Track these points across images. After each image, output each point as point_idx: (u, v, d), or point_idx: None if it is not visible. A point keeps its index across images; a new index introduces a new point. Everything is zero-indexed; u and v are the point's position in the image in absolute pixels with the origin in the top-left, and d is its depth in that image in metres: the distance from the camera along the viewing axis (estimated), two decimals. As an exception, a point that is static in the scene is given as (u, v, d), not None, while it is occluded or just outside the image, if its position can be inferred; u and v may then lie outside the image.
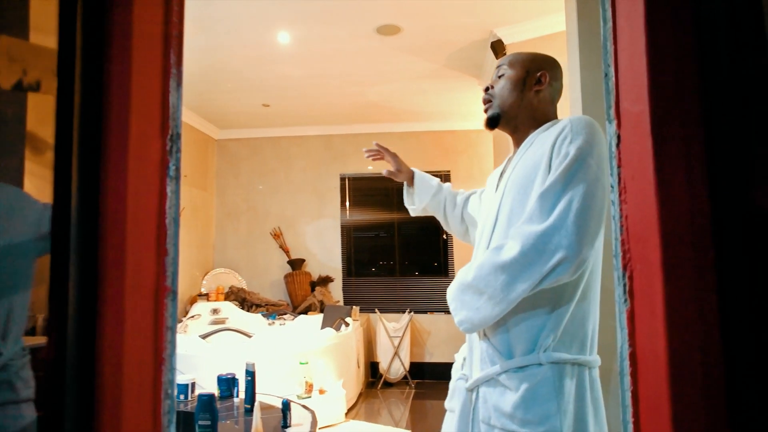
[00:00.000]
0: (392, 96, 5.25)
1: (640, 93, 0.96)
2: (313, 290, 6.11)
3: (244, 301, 6.00)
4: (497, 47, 3.76)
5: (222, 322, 5.28)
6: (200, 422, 1.95)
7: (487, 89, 1.42)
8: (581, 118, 1.24)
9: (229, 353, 3.79)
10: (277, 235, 6.46)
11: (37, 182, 1.01)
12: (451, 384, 1.45)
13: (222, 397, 2.80)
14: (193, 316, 5.31)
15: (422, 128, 6.27)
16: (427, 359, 6.04)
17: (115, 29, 1.10)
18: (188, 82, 4.40)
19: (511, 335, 1.23)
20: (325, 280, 6.26)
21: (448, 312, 5.80)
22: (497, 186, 1.39)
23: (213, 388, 2.80)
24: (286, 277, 6.26)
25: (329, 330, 4.70)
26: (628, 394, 0.91)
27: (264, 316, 5.69)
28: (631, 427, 0.87)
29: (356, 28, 3.79)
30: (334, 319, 5.01)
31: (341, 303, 6.20)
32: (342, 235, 6.42)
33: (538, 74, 1.37)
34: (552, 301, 1.20)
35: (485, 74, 4.42)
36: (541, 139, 1.31)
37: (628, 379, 0.92)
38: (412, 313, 5.93)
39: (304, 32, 3.86)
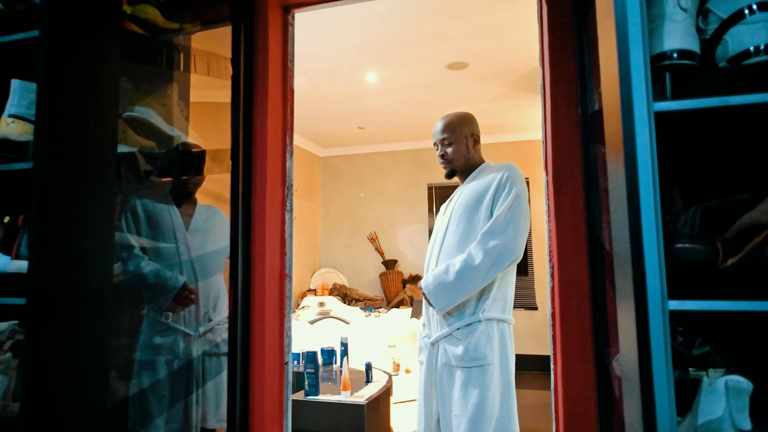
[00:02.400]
0: (472, 113, 5.91)
1: (554, 157, 1.71)
2: (404, 287, 6.92)
3: (345, 296, 6.96)
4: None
5: (326, 313, 6.26)
6: (307, 371, 2.82)
7: (443, 155, 2.11)
8: (513, 166, 1.96)
9: (331, 334, 4.71)
10: (373, 239, 7.36)
11: (226, 211, 1.90)
12: (419, 343, 2.09)
13: (324, 364, 3.68)
14: (303, 308, 6.35)
15: (501, 140, 6.82)
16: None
17: (257, 131, 2.03)
18: (298, 112, 5.43)
19: (461, 305, 1.91)
20: (415, 279, 7.04)
21: (527, 308, 6.32)
22: (445, 210, 2.08)
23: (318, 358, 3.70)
24: (381, 275, 7.14)
25: (415, 320, 5.47)
26: (551, 332, 1.65)
27: (362, 309, 6.59)
28: (552, 349, 1.61)
29: (429, 67, 4.54)
30: (419, 311, 5.77)
31: (429, 299, 6.94)
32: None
33: (473, 136, 2.13)
34: (486, 286, 1.90)
35: (548, 95, 4.94)
36: (481, 177, 2.00)
37: (550, 323, 1.67)
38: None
39: (387, 73, 4.69)
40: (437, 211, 7.19)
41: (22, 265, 1.32)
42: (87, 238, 1.28)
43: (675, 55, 0.90)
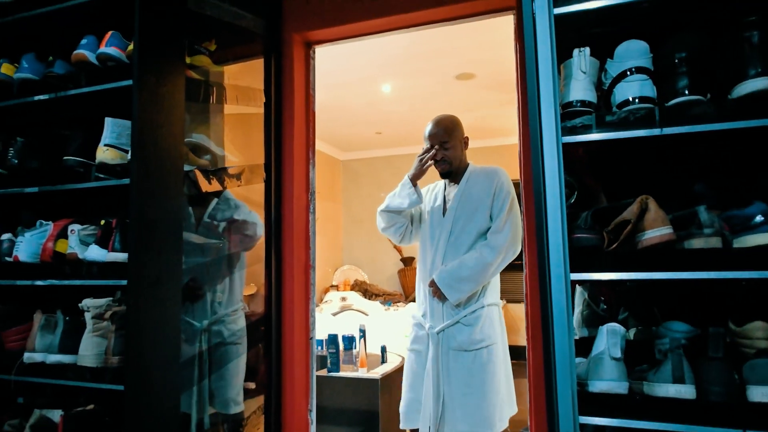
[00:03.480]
0: (479, 118, 6.28)
1: (525, 166, 2.10)
2: (421, 283, 7.33)
3: (366, 291, 7.39)
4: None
5: (348, 306, 6.70)
6: (329, 351, 3.26)
7: (443, 158, 2.22)
8: (503, 171, 2.24)
9: (351, 324, 5.14)
10: (391, 237, 7.78)
11: (261, 214, 2.33)
12: (414, 334, 2.28)
13: (345, 349, 4.11)
14: (326, 302, 6.80)
15: (506, 142, 7.13)
16: (521, 343, 6.91)
17: (285, 148, 2.46)
18: (320, 119, 5.88)
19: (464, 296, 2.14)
20: (431, 275, 7.44)
21: (520, 301, 6.60)
22: (438, 208, 2.28)
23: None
24: (399, 272, 7.56)
25: (430, 313, 5.89)
26: (526, 323, 2.05)
27: (381, 303, 7.02)
28: (527, 338, 2.02)
29: (439, 78, 4.94)
30: (434, 304, 6.19)
31: (445, 294, 7.33)
32: (445, 237, 7.55)
33: (465, 139, 2.30)
34: None
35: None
36: (474, 180, 2.21)
37: (525, 308, 2.08)
38: (504, 302, 6.88)
39: (401, 83, 5.11)
40: (452, 210, 7.58)
41: (116, 256, 1.77)
42: (164, 235, 1.73)
43: (578, 105, 1.30)
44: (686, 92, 1.22)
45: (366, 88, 5.23)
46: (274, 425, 2.31)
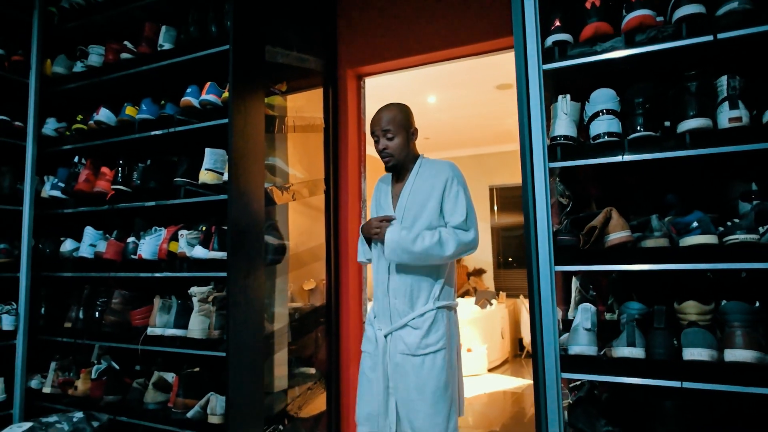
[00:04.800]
0: (522, 124, 6.61)
1: None
2: (468, 279, 7.71)
3: (416, 287, 7.86)
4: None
5: (400, 301, 7.18)
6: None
7: (384, 149, 2.03)
8: (455, 165, 2.06)
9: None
10: (440, 236, 8.19)
11: (322, 220, 2.84)
12: (367, 334, 2.10)
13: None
14: (379, 297, 7.33)
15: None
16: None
17: (341, 165, 3.01)
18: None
19: (414, 297, 1.96)
20: (478, 272, 7.81)
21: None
22: (396, 202, 2.07)
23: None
24: (448, 269, 7.97)
25: (475, 307, 6.27)
26: None
27: (431, 298, 7.46)
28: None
29: (481, 88, 5.34)
30: (480, 300, 6.56)
31: (491, 289, 7.68)
32: (492, 235, 7.90)
33: (412, 130, 2.06)
34: (436, 275, 1.99)
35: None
36: (424, 173, 2.02)
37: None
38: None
39: (445, 95, 5.54)
40: (498, 210, 7.91)
41: (215, 255, 2.33)
42: (251, 238, 2.27)
43: (561, 138, 1.72)
44: (640, 129, 1.61)
45: (413, 99, 5.69)
46: (334, 392, 2.83)
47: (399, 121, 2.03)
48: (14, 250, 2.84)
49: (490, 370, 6.03)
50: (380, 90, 5.50)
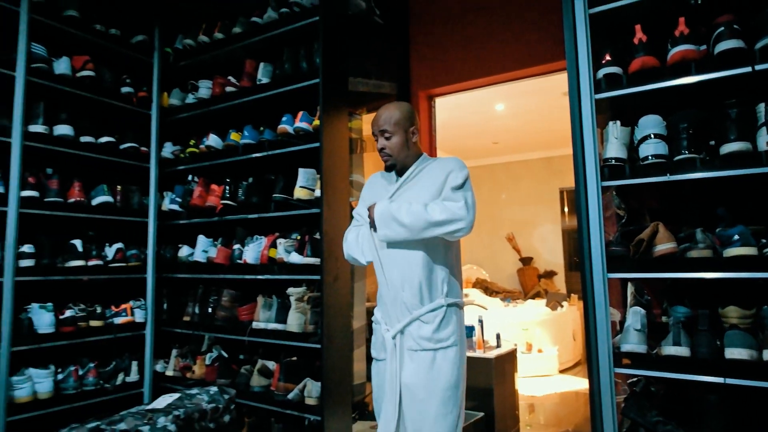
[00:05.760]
0: (592, 127, 6.64)
1: None
2: (539, 281, 7.79)
3: (487, 288, 8.03)
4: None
5: (470, 302, 7.39)
6: (452, 334, 4.02)
7: (382, 149, 1.99)
8: (458, 160, 1.97)
9: (472, 317, 5.85)
10: (510, 239, 8.32)
11: None
12: (377, 340, 2.02)
13: (466, 336, 4.86)
14: (450, 297, 7.57)
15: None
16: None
17: None
18: (443, 135, 6.69)
19: (423, 292, 1.89)
20: (549, 274, 7.87)
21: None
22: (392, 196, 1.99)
23: (461, 330, 4.88)
24: (518, 270, 8.09)
25: (546, 309, 6.38)
26: None
27: (501, 300, 7.61)
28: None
29: (547, 95, 5.48)
30: (551, 301, 6.65)
31: (563, 291, 7.71)
32: (563, 238, 7.93)
33: (412, 129, 2.00)
34: (445, 271, 1.94)
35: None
36: (428, 168, 1.98)
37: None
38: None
39: (513, 102, 5.72)
40: (569, 212, 7.92)
41: (309, 260, 2.72)
42: (339, 245, 2.65)
43: (613, 160, 1.94)
44: (685, 151, 1.80)
45: (481, 107, 5.92)
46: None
47: (397, 121, 2.00)
48: (141, 255, 3.39)
49: (561, 372, 6.12)
50: (452, 99, 5.77)
